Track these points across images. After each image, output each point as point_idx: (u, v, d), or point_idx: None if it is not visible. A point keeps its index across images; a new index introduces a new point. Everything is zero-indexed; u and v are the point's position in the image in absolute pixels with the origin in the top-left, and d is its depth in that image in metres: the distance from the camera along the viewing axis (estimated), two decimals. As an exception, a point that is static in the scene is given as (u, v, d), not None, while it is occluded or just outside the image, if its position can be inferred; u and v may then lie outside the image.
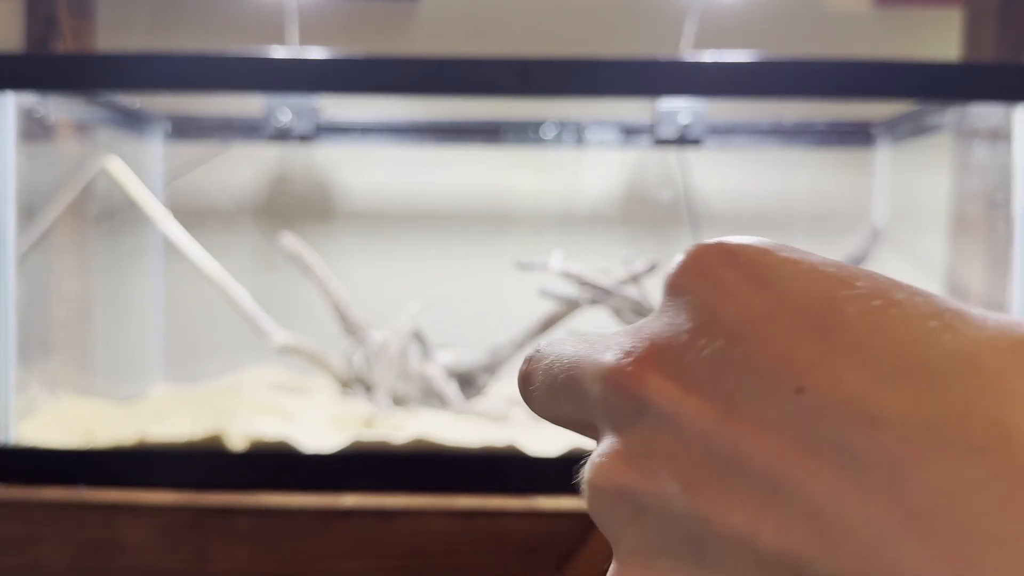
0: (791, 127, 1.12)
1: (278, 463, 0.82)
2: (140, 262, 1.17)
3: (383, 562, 0.78)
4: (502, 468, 0.81)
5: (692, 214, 1.19)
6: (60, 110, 1.00)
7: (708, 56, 0.83)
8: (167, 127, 1.15)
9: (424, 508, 0.78)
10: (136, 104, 1.10)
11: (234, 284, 1.00)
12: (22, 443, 0.85)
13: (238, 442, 0.84)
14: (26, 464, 0.82)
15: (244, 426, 0.86)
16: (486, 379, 1.04)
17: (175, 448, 0.83)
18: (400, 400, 0.99)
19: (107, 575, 0.78)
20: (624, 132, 1.13)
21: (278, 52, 0.85)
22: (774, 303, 0.16)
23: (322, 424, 0.92)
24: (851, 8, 1.21)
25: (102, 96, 1.00)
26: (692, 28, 1.12)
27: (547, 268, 1.00)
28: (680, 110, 1.05)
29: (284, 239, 1.02)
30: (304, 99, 1.06)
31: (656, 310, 0.18)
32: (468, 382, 1.03)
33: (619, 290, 0.99)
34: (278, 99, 1.05)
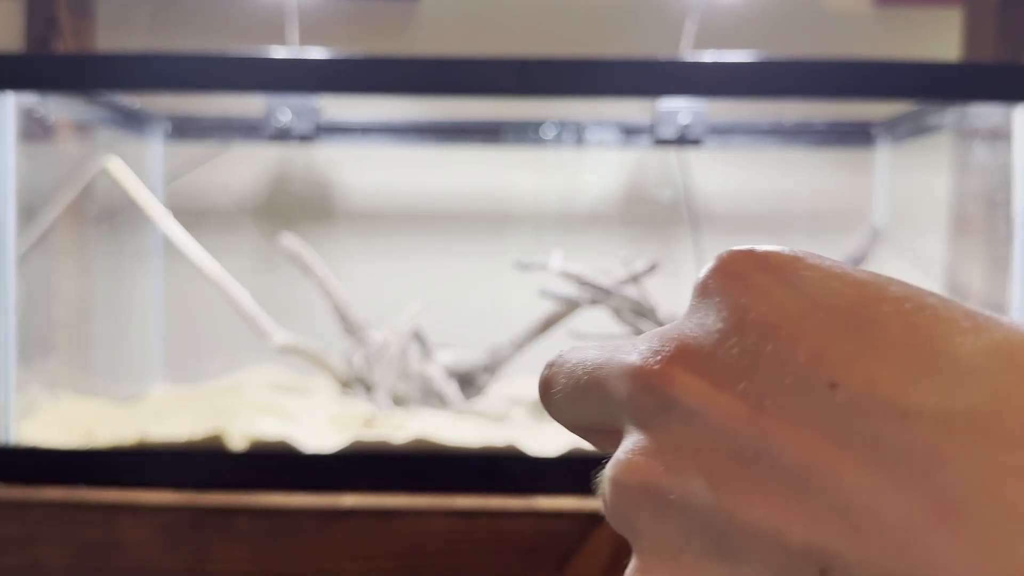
0: (791, 127, 1.12)
1: (278, 463, 0.82)
2: (140, 262, 1.17)
3: (383, 562, 0.78)
4: (502, 468, 0.81)
5: (692, 214, 1.19)
6: (60, 110, 1.00)
7: (708, 56, 0.83)
8: (167, 127, 1.15)
9: (424, 508, 0.78)
10: (136, 104, 1.10)
11: (234, 284, 1.00)
12: (22, 443, 0.85)
13: (238, 442, 0.84)
14: (26, 464, 0.82)
15: (244, 426, 0.86)
16: (486, 379, 1.04)
17: (175, 448, 0.83)
18: (400, 400, 0.99)
19: (107, 575, 0.78)
20: (624, 132, 1.13)
21: (278, 52, 0.85)
22: (806, 304, 0.16)
23: (322, 424, 0.92)
24: (851, 8, 1.21)
25: (102, 96, 1.00)
26: (692, 28, 1.12)
27: (547, 268, 1.00)
28: (680, 110, 1.05)
29: (284, 239, 1.02)
30: (304, 99, 1.06)
31: (684, 313, 0.18)
32: (468, 382, 1.03)
33: (619, 290, 0.99)
34: (278, 99, 1.05)
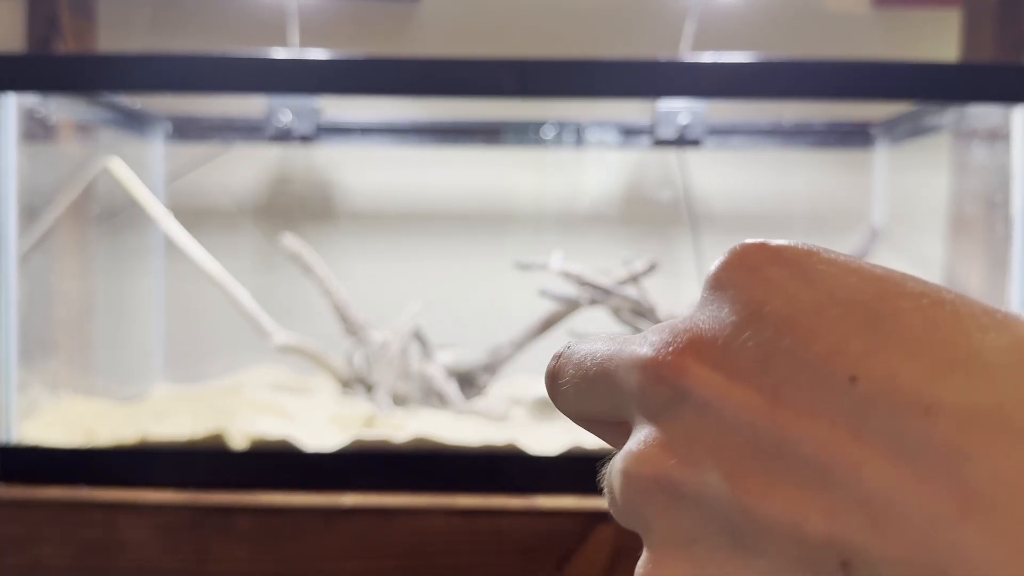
0: (790, 128, 1.13)
1: (279, 463, 0.82)
2: (141, 262, 1.17)
3: (384, 561, 0.78)
4: (502, 467, 0.82)
5: (691, 214, 1.19)
6: (61, 111, 1.00)
7: (707, 57, 0.83)
8: (168, 128, 1.16)
9: (424, 507, 0.78)
10: (137, 105, 1.11)
11: (235, 284, 1.01)
12: (23, 443, 0.85)
13: (239, 442, 0.84)
14: (27, 464, 0.82)
15: (245, 426, 0.86)
16: (486, 379, 1.04)
17: (176, 448, 0.83)
18: (400, 400, 0.99)
19: (108, 575, 0.78)
20: (624, 133, 1.13)
21: (279, 53, 0.85)
22: (824, 297, 0.16)
23: (323, 424, 0.92)
24: (850, 9, 1.21)
25: (103, 97, 1.01)
26: (691, 29, 1.12)
27: (547, 268, 1.01)
28: (680, 111, 1.05)
29: (285, 239, 1.03)
30: (305, 100, 1.06)
31: (696, 305, 0.18)
32: (468, 382, 1.03)
33: (619, 290, 1.00)
34: (279, 100, 1.06)
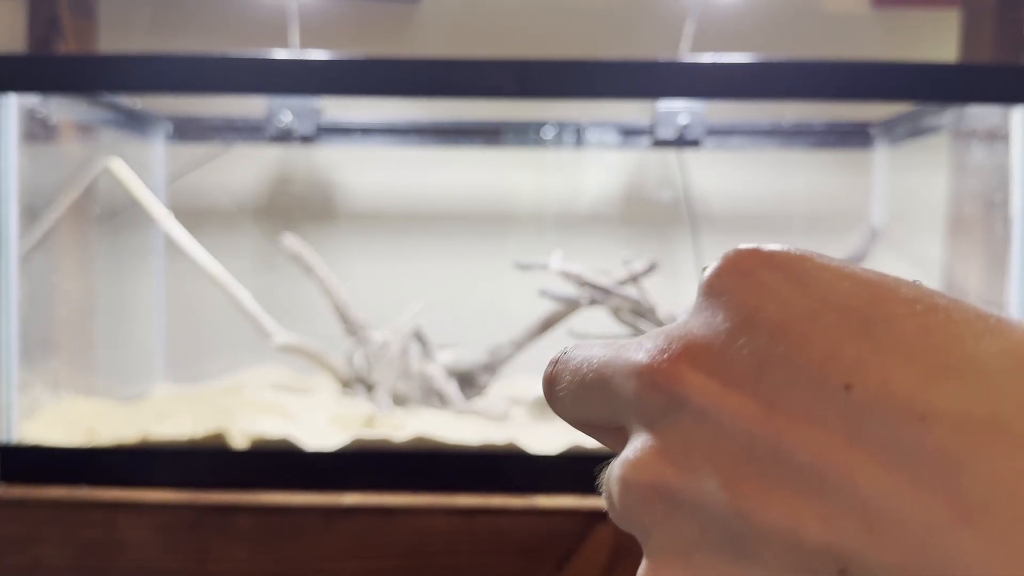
0: (790, 128, 1.13)
1: (279, 462, 0.82)
2: (142, 262, 1.17)
3: (384, 561, 0.78)
4: (502, 467, 0.82)
5: (691, 215, 1.19)
6: (62, 111, 1.00)
7: (707, 58, 0.84)
8: (169, 128, 1.16)
9: (425, 507, 0.78)
10: (138, 105, 1.11)
11: (236, 284, 1.01)
12: (24, 442, 0.85)
13: (240, 441, 0.84)
14: (28, 463, 0.83)
15: (246, 425, 0.87)
16: (486, 379, 1.04)
17: (177, 447, 0.84)
18: (401, 400, 0.99)
19: (109, 574, 0.78)
20: (623, 133, 1.13)
21: (279, 54, 0.85)
22: (817, 304, 0.16)
23: (323, 423, 0.92)
24: (849, 10, 1.21)
25: (104, 97, 1.01)
26: (691, 29, 1.12)
27: (547, 268, 1.01)
28: (679, 111, 1.05)
29: (285, 239, 1.03)
30: (305, 100, 1.06)
31: (690, 311, 0.18)
32: (468, 382, 1.03)
33: (619, 290, 1.00)
34: (279, 100, 1.06)
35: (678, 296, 1.08)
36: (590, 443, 0.84)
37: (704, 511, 0.16)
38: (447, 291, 1.18)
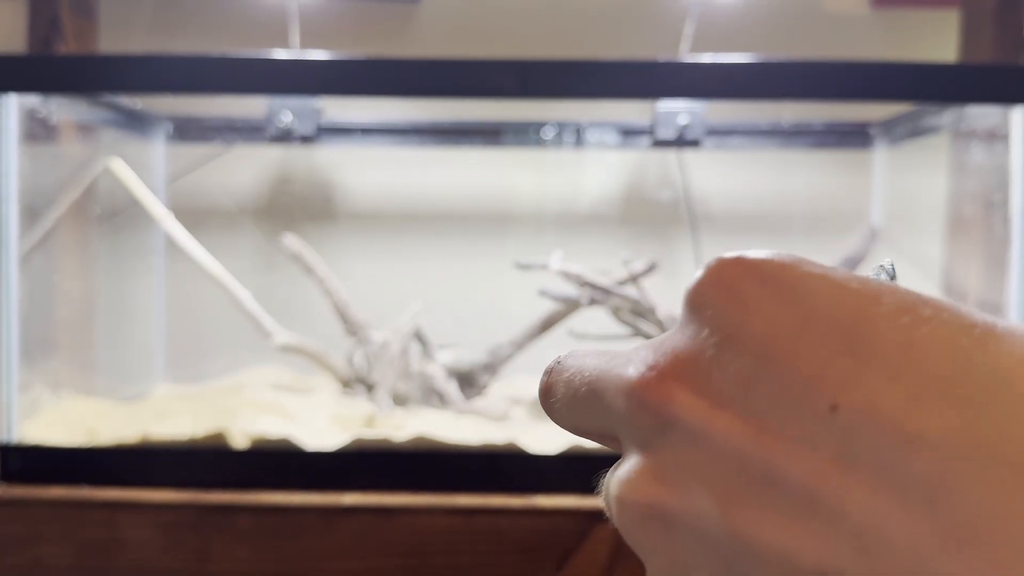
0: (789, 128, 1.13)
1: (279, 462, 0.82)
2: (143, 262, 1.17)
3: (384, 560, 0.78)
4: (502, 466, 0.82)
5: (691, 215, 1.19)
6: (63, 111, 1.01)
7: (707, 58, 0.84)
8: (169, 128, 1.16)
9: (425, 506, 0.79)
10: (138, 105, 1.11)
11: (236, 284, 1.01)
12: (25, 442, 0.85)
13: (240, 441, 0.84)
14: (29, 463, 0.83)
15: (246, 425, 0.87)
16: (486, 379, 1.04)
17: (177, 447, 0.84)
18: (401, 399, 1.00)
19: (109, 574, 0.78)
20: (623, 133, 1.13)
21: (280, 54, 0.85)
22: (800, 318, 0.16)
23: (323, 423, 0.93)
24: (849, 10, 1.21)
25: (104, 97, 1.01)
26: (691, 30, 1.12)
27: (547, 268, 1.01)
28: (679, 111, 1.05)
29: (286, 239, 1.03)
30: (305, 100, 1.06)
31: (677, 324, 0.18)
32: (468, 382, 1.03)
33: (618, 290, 1.00)
34: (280, 100, 1.06)
35: (678, 296, 1.08)
36: (590, 443, 0.84)
37: (700, 533, 0.16)
38: (447, 291, 1.18)
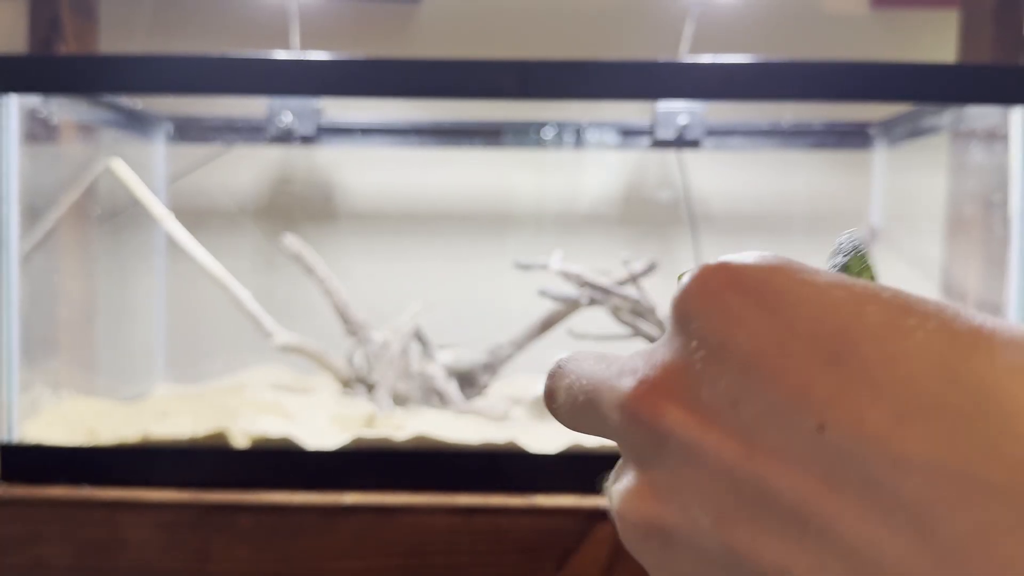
0: (789, 128, 1.13)
1: (280, 462, 0.83)
2: (143, 262, 1.18)
3: (384, 559, 0.78)
4: (502, 466, 0.82)
5: (691, 215, 1.19)
6: (63, 111, 1.01)
7: (706, 59, 0.84)
8: (170, 128, 1.16)
9: (425, 506, 0.79)
10: (139, 105, 1.11)
11: (236, 284, 1.01)
12: (25, 442, 0.85)
13: (240, 441, 0.84)
14: (29, 463, 0.83)
15: (246, 425, 0.87)
16: (486, 379, 1.04)
17: (178, 447, 0.84)
18: (401, 399, 1.00)
19: (110, 574, 0.79)
20: (623, 133, 1.13)
21: (280, 55, 0.85)
22: (784, 331, 0.16)
23: (323, 423, 0.93)
24: (848, 10, 1.21)
25: (105, 98, 1.01)
26: (691, 30, 1.12)
27: (547, 268, 1.01)
28: (679, 112, 1.06)
29: (286, 240, 1.03)
30: (306, 101, 1.06)
31: (666, 334, 0.18)
32: (468, 382, 1.04)
33: (618, 290, 1.00)
34: (280, 101, 1.06)
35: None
36: (590, 443, 0.84)
37: (699, 549, 0.17)
38: (447, 291, 1.18)
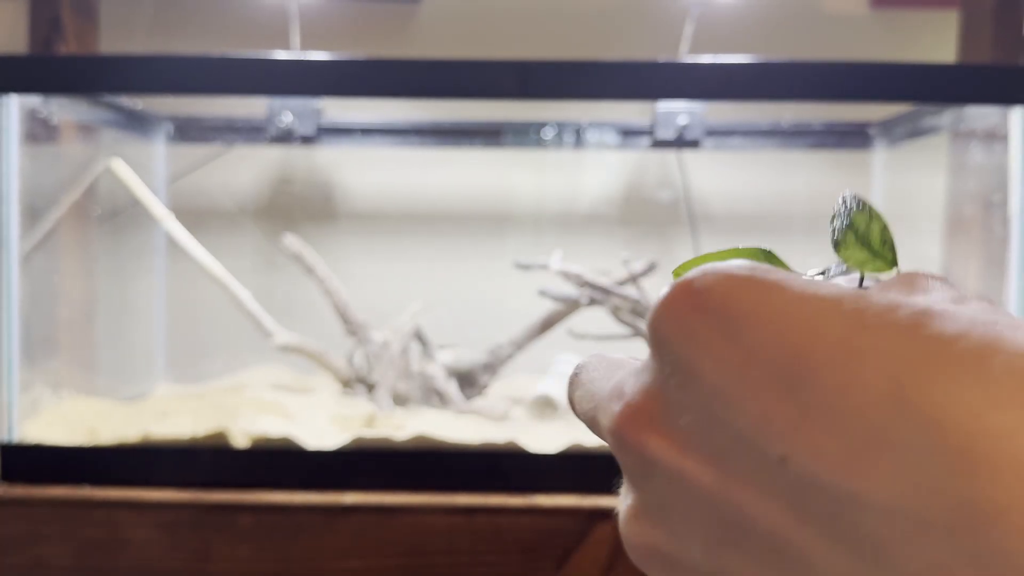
0: (789, 129, 1.13)
1: (280, 461, 0.83)
2: (143, 262, 1.18)
3: (385, 559, 0.79)
4: (502, 466, 0.82)
5: (691, 215, 1.20)
6: (64, 112, 1.01)
7: (706, 59, 0.84)
8: (170, 128, 1.16)
9: (425, 505, 0.79)
10: (139, 106, 1.11)
11: (236, 284, 1.01)
12: (26, 442, 0.85)
13: (241, 441, 0.84)
14: (29, 463, 0.83)
15: (246, 425, 0.87)
16: (486, 379, 1.04)
17: (178, 447, 0.84)
18: (401, 399, 1.00)
19: (110, 574, 0.79)
20: (623, 134, 1.13)
21: (280, 55, 0.85)
22: (744, 356, 0.16)
23: (324, 423, 0.93)
24: (848, 11, 1.21)
25: (105, 98, 1.01)
26: (690, 30, 1.13)
27: (547, 268, 1.01)
28: (679, 112, 1.06)
29: (286, 240, 1.03)
30: (306, 101, 1.06)
31: (648, 354, 0.19)
32: (468, 382, 1.04)
33: (618, 290, 1.00)
34: (280, 101, 1.06)
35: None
36: (590, 442, 0.84)
37: (695, 571, 0.18)
38: (447, 291, 1.18)
